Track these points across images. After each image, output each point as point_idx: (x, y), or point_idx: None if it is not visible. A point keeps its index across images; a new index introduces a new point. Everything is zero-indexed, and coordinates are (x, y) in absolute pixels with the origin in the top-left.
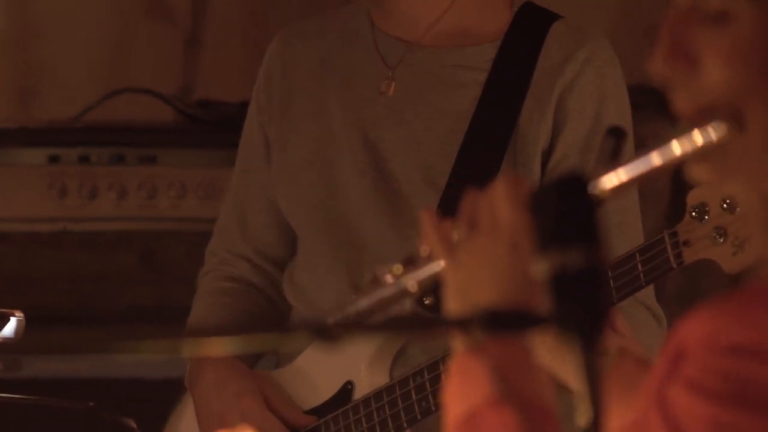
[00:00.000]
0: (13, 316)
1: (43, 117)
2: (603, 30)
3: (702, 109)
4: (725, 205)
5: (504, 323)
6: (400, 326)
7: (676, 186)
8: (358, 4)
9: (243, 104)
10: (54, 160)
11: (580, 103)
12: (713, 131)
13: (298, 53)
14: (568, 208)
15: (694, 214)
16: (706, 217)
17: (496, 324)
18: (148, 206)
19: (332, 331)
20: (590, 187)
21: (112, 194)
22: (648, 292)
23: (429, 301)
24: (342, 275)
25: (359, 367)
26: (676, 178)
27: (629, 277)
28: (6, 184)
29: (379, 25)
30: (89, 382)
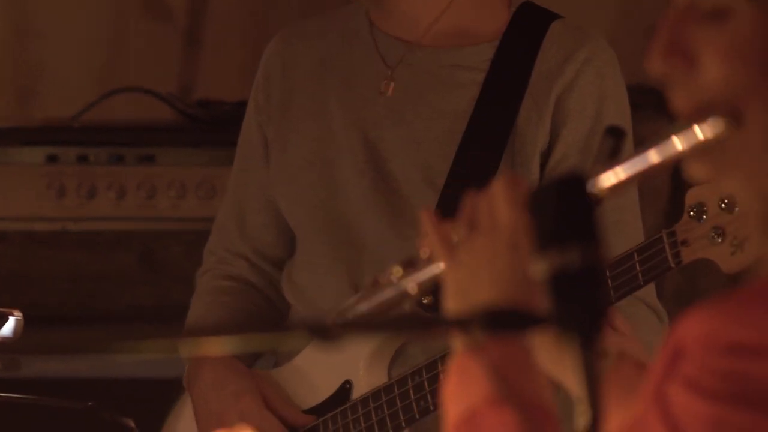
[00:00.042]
0: (12, 315)
1: (41, 116)
2: (602, 30)
3: (700, 107)
4: (723, 205)
5: (503, 323)
6: (399, 326)
7: (675, 185)
8: (357, 4)
9: (242, 104)
10: (52, 159)
11: (580, 103)
12: (711, 127)
13: (298, 53)
14: (566, 208)
15: (693, 213)
16: (705, 217)
17: (495, 323)
18: (146, 206)
19: (330, 331)
20: (589, 186)
21: (111, 194)
22: (649, 290)
23: (428, 300)
24: (341, 275)
25: (358, 366)
26: (674, 177)
27: (627, 277)
28: (4, 183)
29: (379, 25)
30: (88, 382)
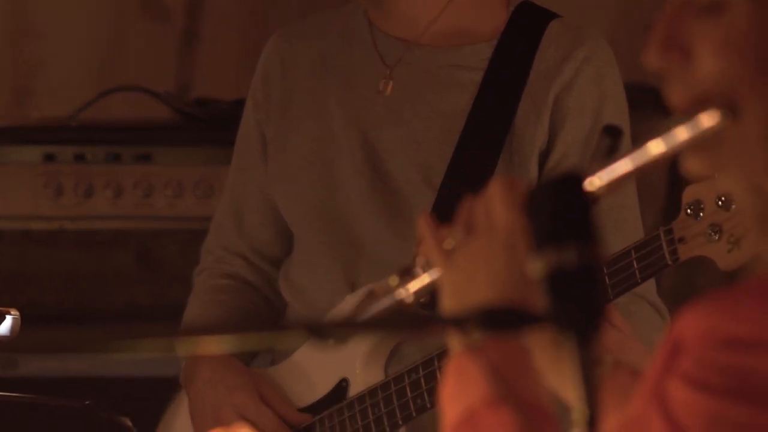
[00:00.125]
0: (9, 314)
1: (38, 115)
2: (601, 29)
3: (697, 100)
4: (720, 203)
5: (500, 321)
6: (396, 324)
7: (672, 183)
8: (356, 3)
9: (239, 102)
10: (50, 158)
11: (580, 102)
12: (707, 119)
13: (298, 52)
14: (563, 207)
15: (690, 211)
16: (701, 215)
17: (492, 322)
18: (144, 205)
19: (327, 330)
20: (586, 184)
21: (108, 193)
22: (649, 288)
23: (424, 298)
24: (339, 274)
25: (354, 364)
26: (671, 175)
27: (625, 274)
28: (1, 182)
29: (378, 25)
30: (85, 381)
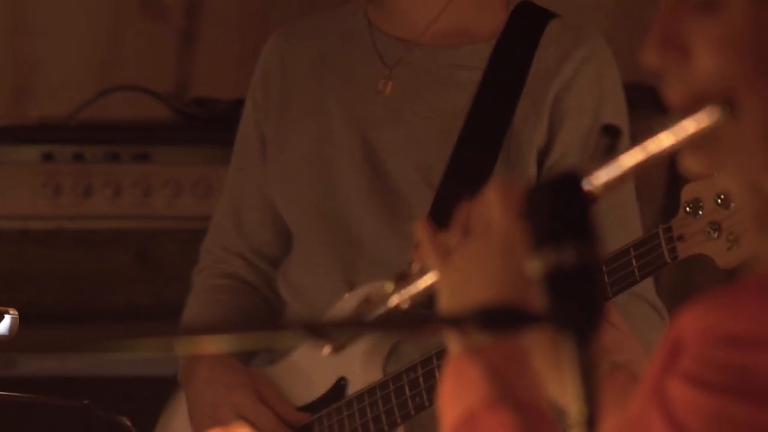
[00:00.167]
0: (8, 313)
1: (37, 115)
2: (600, 28)
3: (694, 98)
4: (719, 201)
5: (499, 321)
6: (394, 324)
7: (671, 182)
8: (356, 3)
9: (238, 102)
10: (48, 158)
11: (579, 102)
12: (706, 115)
13: (297, 52)
14: (562, 206)
15: (689, 209)
16: (701, 212)
17: (490, 322)
18: (142, 204)
19: (326, 329)
20: (584, 183)
21: (107, 192)
22: (648, 287)
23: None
24: (338, 273)
25: (353, 363)
26: (670, 174)
27: (624, 272)
28: (0, 182)
29: (378, 25)
30: (84, 380)
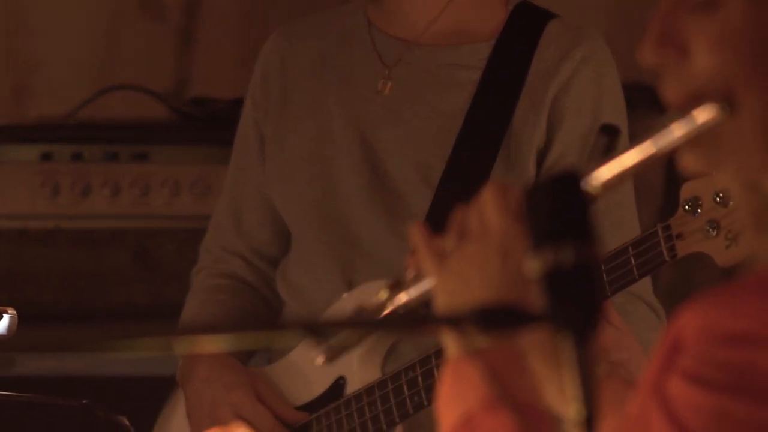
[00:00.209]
0: (6, 313)
1: (35, 114)
2: (599, 28)
3: (692, 96)
4: (718, 199)
5: (497, 320)
6: (392, 324)
7: (669, 182)
8: (355, 3)
9: (237, 101)
10: (47, 157)
11: (578, 102)
12: (704, 113)
13: (297, 52)
14: (561, 206)
15: (687, 207)
16: (699, 211)
17: (489, 321)
18: (141, 204)
19: (324, 329)
20: (583, 183)
21: (106, 192)
22: (646, 287)
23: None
24: (336, 273)
25: (351, 362)
26: (668, 174)
27: (622, 271)
28: None
29: (377, 24)
30: (82, 380)
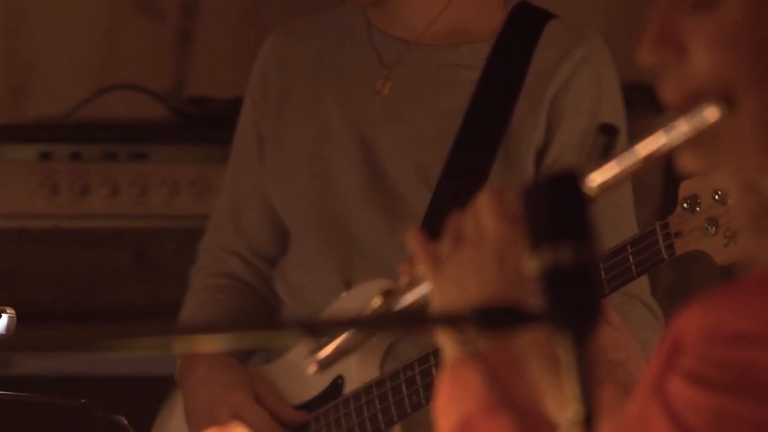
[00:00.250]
0: (5, 312)
1: (34, 114)
2: (598, 27)
3: (691, 96)
4: (717, 197)
5: (495, 319)
6: (390, 323)
7: (668, 181)
8: (354, 3)
9: (235, 101)
10: (45, 156)
11: (577, 102)
12: (704, 112)
13: (295, 51)
14: (560, 205)
15: (686, 205)
16: (698, 209)
17: (487, 320)
18: (139, 203)
19: (322, 328)
20: (583, 183)
21: (104, 191)
22: (643, 288)
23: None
24: (335, 272)
25: (350, 362)
26: (667, 174)
27: (621, 269)
28: None
29: (377, 24)
30: (81, 379)
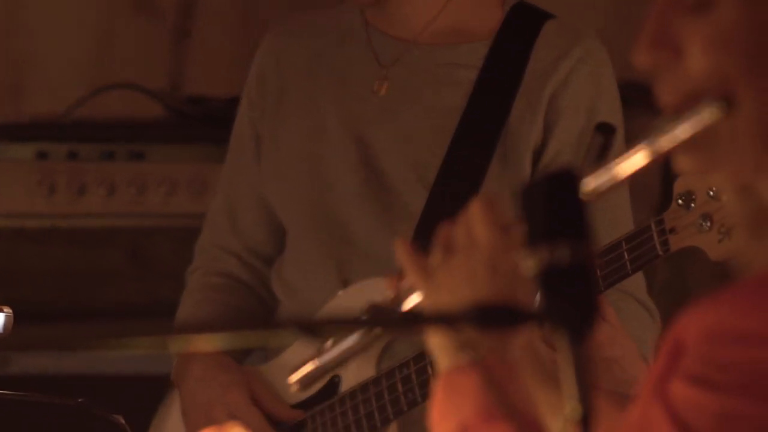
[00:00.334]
0: (2, 311)
1: (31, 113)
2: (595, 27)
3: (688, 97)
4: (711, 193)
5: (491, 318)
6: (388, 323)
7: (665, 179)
8: (352, 2)
9: (232, 100)
10: (43, 156)
11: (574, 102)
12: (703, 112)
13: (292, 50)
14: (557, 204)
15: (681, 201)
16: (693, 205)
17: (483, 319)
18: (136, 203)
19: (318, 327)
20: (582, 186)
21: (101, 190)
22: (639, 286)
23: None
24: (331, 271)
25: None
26: (665, 172)
27: (616, 265)
28: None
29: (375, 24)
30: (78, 378)
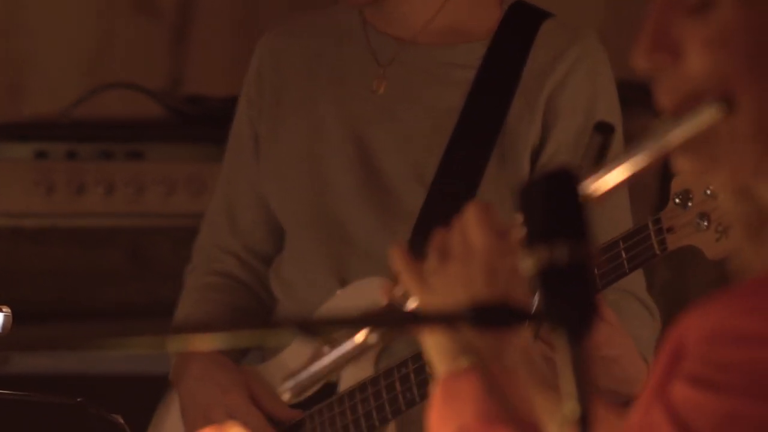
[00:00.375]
0: (1, 311)
1: (30, 112)
2: (593, 26)
3: (687, 99)
4: (708, 192)
5: (490, 317)
6: (386, 322)
7: (664, 179)
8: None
9: (231, 99)
10: (41, 155)
11: (572, 101)
12: (703, 113)
13: (291, 50)
14: (555, 203)
15: (678, 200)
16: (690, 204)
17: (482, 318)
18: (135, 202)
19: (316, 327)
20: (582, 188)
21: (100, 190)
22: (639, 284)
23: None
24: (329, 271)
25: None
26: (663, 172)
27: (613, 265)
28: None
29: (373, 23)
30: (77, 378)
